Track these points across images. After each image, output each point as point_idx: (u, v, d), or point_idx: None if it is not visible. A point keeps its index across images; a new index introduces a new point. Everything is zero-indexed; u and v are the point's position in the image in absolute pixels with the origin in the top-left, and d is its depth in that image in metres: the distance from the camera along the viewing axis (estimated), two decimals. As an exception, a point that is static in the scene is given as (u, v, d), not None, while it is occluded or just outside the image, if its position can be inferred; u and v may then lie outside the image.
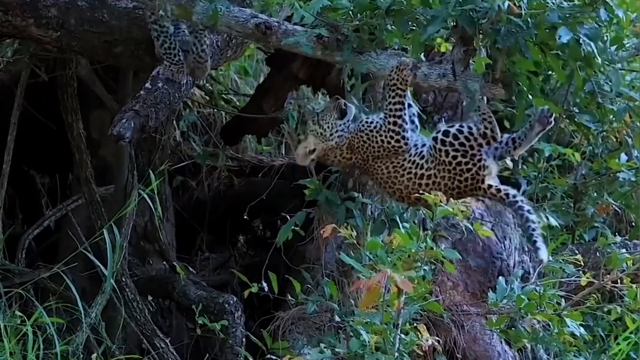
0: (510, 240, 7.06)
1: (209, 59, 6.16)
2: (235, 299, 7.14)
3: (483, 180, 5.51)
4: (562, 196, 7.52)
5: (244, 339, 6.93)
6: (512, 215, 7.22)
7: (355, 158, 5.71)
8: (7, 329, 6.10)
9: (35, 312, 6.27)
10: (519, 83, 5.37)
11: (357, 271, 5.55)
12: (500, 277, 6.53)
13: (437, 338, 5.73)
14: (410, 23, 5.46)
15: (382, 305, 5.37)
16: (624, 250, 6.99)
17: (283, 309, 6.71)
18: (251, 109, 8.34)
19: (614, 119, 6.09)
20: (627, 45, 5.62)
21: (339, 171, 6.31)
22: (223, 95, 9.60)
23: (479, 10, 5.16)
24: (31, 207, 8.75)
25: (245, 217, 7.76)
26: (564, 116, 5.73)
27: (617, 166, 7.30)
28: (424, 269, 5.35)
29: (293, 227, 6.28)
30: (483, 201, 6.88)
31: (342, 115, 5.77)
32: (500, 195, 5.52)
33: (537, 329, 6.32)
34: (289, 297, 6.23)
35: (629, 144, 7.15)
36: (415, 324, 5.59)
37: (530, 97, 5.42)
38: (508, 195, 5.51)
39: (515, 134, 5.57)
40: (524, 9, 5.11)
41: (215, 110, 9.39)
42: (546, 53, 5.25)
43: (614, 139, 7.30)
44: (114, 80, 7.59)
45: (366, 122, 5.67)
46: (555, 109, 5.45)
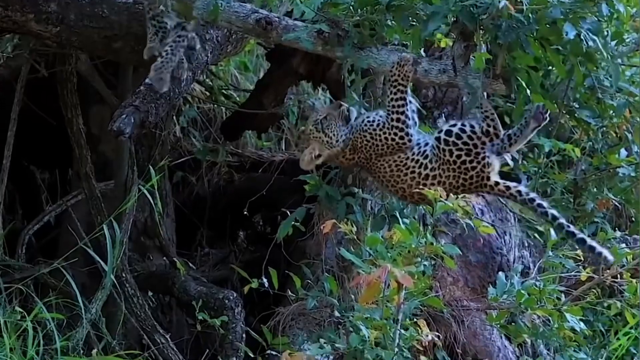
0: (510, 235, 7.08)
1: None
2: (235, 295, 7.13)
3: (489, 177, 5.47)
4: (562, 191, 7.51)
5: (244, 335, 6.92)
6: (512, 211, 7.24)
7: (358, 157, 5.65)
8: (7, 324, 6.09)
9: (35, 307, 6.26)
10: (518, 78, 5.37)
11: (357, 267, 5.56)
12: (500, 272, 6.53)
13: (437, 333, 5.75)
14: (410, 19, 5.46)
15: (382, 301, 5.38)
16: (623, 245, 6.98)
17: (283, 305, 6.71)
18: (251, 104, 8.34)
19: (614, 114, 6.11)
20: (627, 40, 5.62)
21: (339, 167, 6.30)
22: (223, 91, 9.60)
23: (479, 6, 5.15)
24: (31, 203, 8.74)
25: (246, 212, 7.78)
26: (564, 111, 5.74)
27: (617, 161, 7.30)
28: (424, 265, 5.34)
29: (293, 223, 6.27)
30: (483, 196, 6.89)
31: (346, 121, 5.73)
32: (511, 192, 5.47)
33: (537, 324, 6.32)
34: (289, 293, 6.24)
35: (628, 140, 7.15)
36: (415, 319, 5.59)
37: (529, 92, 5.42)
38: (520, 192, 5.47)
39: (510, 131, 5.53)
40: (525, 4, 5.11)
41: (215, 105, 9.39)
42: (546, 48, 5.24)
43: (614, 135, 7.31)
44: (113, 76, 7.58)
45: (368, 121, 5.61)
46: (550, 106, 5.45)
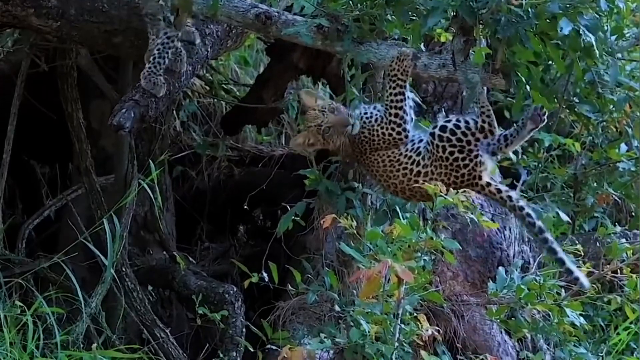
0: (510, 230, 7.07)
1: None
2: (235, 289, 7.13)
3: (480, 177, 5.44)
4: (562, 186, 7.52)
5: (244, 329, 6.93)
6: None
7: (354, 150, 5.67)
8: (7, 318, 6.10)
9: (35, 302, 6.26)
10: (518, 73, 5.37)
11: (358, 261, 5.56)
12: (500, 267, 6.53)
13: (437, 328, 5.74)
14: (410, 13, 5.46)
15: (383, 295, 5.38)
16: (623, 240, 7.00)
17: (283, 299, 6.71)
18: (251, 98, 8.34)
19: (614, 108, 6.12)
20: (627, 35, 5.62)
21: (339, 161, 6.30)
22: (223, 85, 9.60)
23: (479, 1, 5.15)
24: (31, 197, 8.74)
25: (246, 207, 7.79)
26: (564, 106, 5.73)
27: (617, 156, 7.30)
28: (424, 259, 5.35)
29: (293, 217, 6.26)
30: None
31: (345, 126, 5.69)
32: (501, 196, 5.44)
33: (537, 319, 6.31)
34: (289, 287, 6.23)
35: (629, 134, 7.15)
36: (415, 314, 5.60)
37: (528, 87, 5.42)
38: (510, 198, 5.43)
39: (507, 131, 5.51)
40: (525, -1, 5.12)
41: (215, 100, 9.39)
42: (546, 43, 5.24)
43: (614, 129, 7.30)
44: (114, 70, 7.58)
45: (367, 118, 5.62)
46: (547, 106, 5.45)
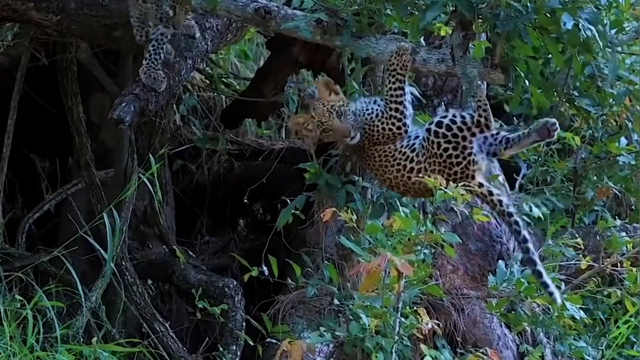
0: (509, 224, 7.07)
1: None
2: (235, 283, 7.14)
3: (473, 177, 5.40)
4: (562, 180, 7.53)
5: (243, 323, 6.93)
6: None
7: (353, 145, 5.65)
8: (7, 312, 6.11)
9: (35, 295, 6.27)
10: (517, 68, 5.36)
11: (357, 255, 5.57)
12: (500, 261, 6.54)
13: (437, 321, 5.74)
14: (409, 7, 5.45)
15: (382, 289, 5.38)
16: (623, 234, 7.00)
17: (283, 293, 6.72)
18: (251, 92, 8.34)
19: (613, 102, 6.12)
20: (627, 28, 5.61)
21: (339, 155, 6.30)
22: (223, 79, 9.60)
23: (478, -5, 5.16)
24: (31, 191, 8.74)
25: (246, 200, 7.78)
26: (564, 100, 5.73)
27: (617, 150, 7.31)
28: (424, 253, 5.35)
29: (293, 211, 6.27)
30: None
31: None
32: (492, 199, 5.40)
33: (537, 312, 6.32)
34: (289, 281, 6.24)
35: (628, 128, 7.15)
36: (415, 308, 5.60)
37: (527, 82, 5.41)
38: (501, 202, 5.39)
39: (511, 135, 5.47)
40: (524, -6, 5.11)
41: (215, 94, 9.39)
42: (545, 38, 5.23)
43: (614, 123, 7.30)
44: (114, 64, 7.57)
45: (368, 114, 5.60)
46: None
